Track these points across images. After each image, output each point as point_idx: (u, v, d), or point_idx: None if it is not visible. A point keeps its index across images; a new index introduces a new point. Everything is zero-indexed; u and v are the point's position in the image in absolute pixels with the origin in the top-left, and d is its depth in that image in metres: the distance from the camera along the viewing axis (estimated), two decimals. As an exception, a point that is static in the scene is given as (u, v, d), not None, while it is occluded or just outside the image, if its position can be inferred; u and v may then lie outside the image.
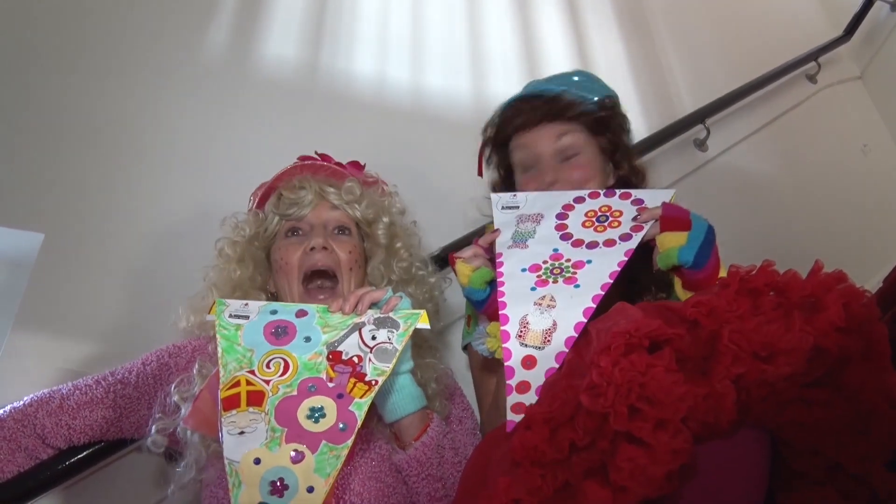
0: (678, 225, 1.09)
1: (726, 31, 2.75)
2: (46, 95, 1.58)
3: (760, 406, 0.82)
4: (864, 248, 2.53)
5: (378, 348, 1.05)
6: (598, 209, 1.19)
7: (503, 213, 1.25)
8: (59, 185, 1.53)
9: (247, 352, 1.04)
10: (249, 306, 1.10)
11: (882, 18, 3.01)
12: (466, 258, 1.20)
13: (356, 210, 1.31)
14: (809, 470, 0.89)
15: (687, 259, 1.05)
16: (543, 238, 1.18)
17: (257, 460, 0.95)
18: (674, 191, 1.19)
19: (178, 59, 1.74)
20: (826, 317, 0.82)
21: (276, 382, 1.01)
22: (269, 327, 1.07)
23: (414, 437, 1.09)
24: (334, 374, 1.02)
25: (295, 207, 1.27)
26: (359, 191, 1.32)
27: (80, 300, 1.46)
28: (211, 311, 1.10)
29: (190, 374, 1.16)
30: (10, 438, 1.14)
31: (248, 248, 1.29)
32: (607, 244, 1.13)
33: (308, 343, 1.06)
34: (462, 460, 1.13)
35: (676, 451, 0.75)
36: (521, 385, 1.00)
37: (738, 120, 2.51)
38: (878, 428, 0.84)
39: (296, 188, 1.29)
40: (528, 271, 1.13)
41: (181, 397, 1.14)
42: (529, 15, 2.31)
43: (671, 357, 0.81)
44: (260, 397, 0.99)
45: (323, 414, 0.99)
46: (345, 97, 1.91)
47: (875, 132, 2.98)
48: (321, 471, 0.95)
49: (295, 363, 1.03)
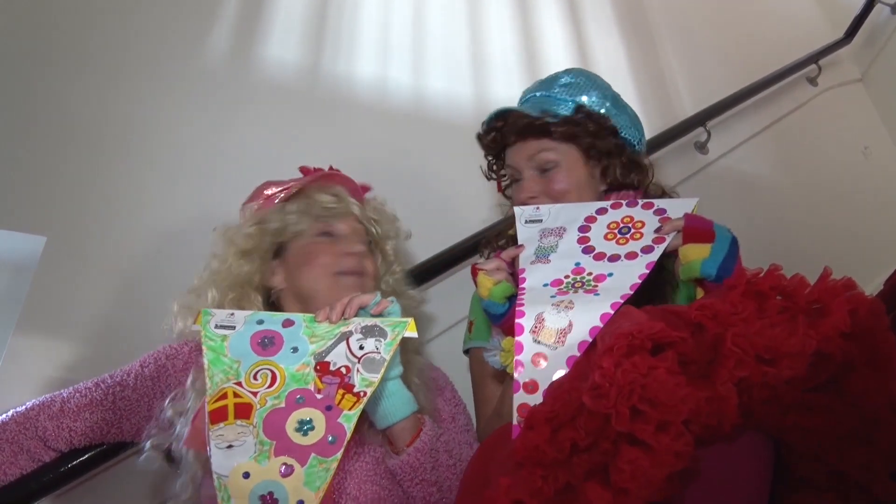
0: (701, 237, 1.09)
1: (727, 35, 2.75)
2: (49, 100, 1.58)
3: (762, 409, 0.82)
4: (865, 251, 2.53)
5: (366, 358, 1.03)
6: (620, 220, 1.19)
7: (526, 228, 1.25)
8: (61, 188, 1.53)
9: (233, 363, 1.03)
10: (235, 316, 1.09)
11: (882, 21, 3.01)
12: (489, 271, 1.19)
13: (375, 227, 1.37)
14: (812, 476, 0.88)
15: (710, 272, 1.04)
16: (566, 252, 1.18)
17: (246, 474, 0.94)
18: (697, 199, 1.19)
19: (180, 64, 1.75)
20: (831, 322, 0.82)
21: (263, 394, 1.00)
22: (255, 338, 1.06)
23: (407, 443, 1.08)
24: (322, 385, 1.01)
25: (330, 212, 1.31)
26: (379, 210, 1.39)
27: (82, 304, 1.46)
28: (196, 321, 1.09)
29: (184, 387, 1.16)
30: (12, 441, 1.14)
31: (260, 243, 1.28)
32: (629, 257, 1.13)
33: (295, 354, 1.04)
34: (457, 462, 1.12)
35: (678, 453, 0.75)
36: (528, 384, 0.99)
37: (739, 123, 2.51)
38: (882, 436, 0.84)
39: (329, 194, 1.32)
40: (550, 285, 1.13)
41: (175, 412, 1.13)
42: (531, 19, 2.31)
43: (674, 359, 0.81)
44: (248, 410, 0.98)
45: (312, 426, 0.98)
46: (346, 100, 1.91)
47: (876, 134, 2.98)
48: (311, 484, 0.94)
49: (282, 374, 1.02)
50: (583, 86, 1.37)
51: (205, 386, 1.03)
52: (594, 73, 1.43)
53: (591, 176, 1.35)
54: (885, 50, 2.99)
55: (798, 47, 2.77)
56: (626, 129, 1.37)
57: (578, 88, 1.36)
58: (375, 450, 1.14)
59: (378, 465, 1.13)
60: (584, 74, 1.41)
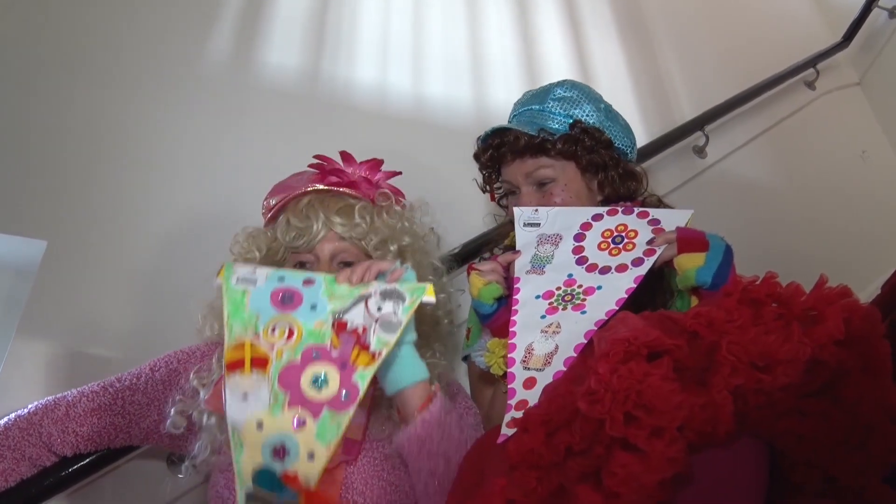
0: (695, 246, 1.10)
1: (725, 38, 2.76)
2: (49, 104, 1.59)
3: (756, 414, 0.82)
4: (863, 254, 2.53)
5: (383, 319, 1.05)
6: (614, 228, 1.22)
7: (525, 232, 1.28)
8: (61, 193, 1.54)
9: (252, 316, 1.04)
10: (257, 272, 1.10)
11: (880, 25, 3.02)
12: (482, 271, 1.24)
13: (364, 242, 1.26)
14: (806, 482, 0.89)
15: (705, 280, 1.06)
16: (560, 264, 1.21)
17: (260, 425, 0.95)
18: (691, 211, 1.21)
19: (180, 69, 1.75)
20: (825, 329, 0.83)
21: (280, 347, 1.02)
22: (275, 294, 1.07)
23: (417, 409, 1.06)
24: (338, 342, 1.03)
25: (302, 240, 1.23)
26: (369, 219, 1.26)
27: (82, 308, 1.46)
28: (219, 274, 1.10)
29: (209, 362, 1.18)
30: (14, 447, 1.13)
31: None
32: (619, 269, 1.15)
33: (314, 311, 1.06)
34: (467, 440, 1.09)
35: (671, 459, 0.76)
36: (520, 404, 1.02)
37: (737, 126, 2.52)
38: (875, 442, 0.85)
39: (303, 216, 1.24)
40: (542, 298, 1.16)
41: (200, 382, 1.15)
42: (530, 23, 2.32)
43: (669, 366, 0.82)
44: (264, 362, 1.00)
45: (326, 382, 0.99)
46: (345, 105, 1.92)
47: (874, 138, 2.98)
48: (322, 437, 0.95)
49: (300, 329, 1.04)
50: (576, 99, 1.38)
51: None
52: (586, 85, 1.45)
53: (588, 189, 1.37)
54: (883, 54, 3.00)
55: (796, 51, 2.78)
56: (619, 140, 1.39)
57: (572, 102, 1.38)
58: (383, 447, 1.14)
59: (385, 462, 1.13)
60: (577, 87, 1.42)
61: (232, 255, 1.31)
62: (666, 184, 2.16)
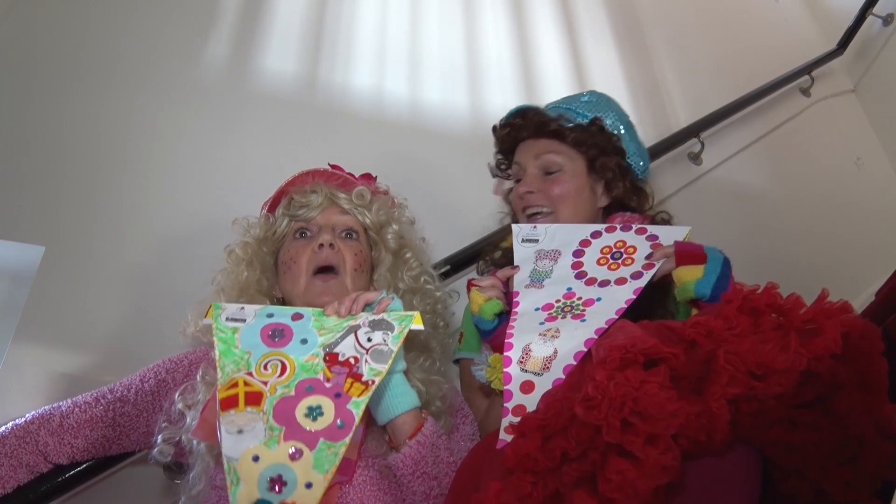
0: (693, 259, 1.12)
1: (720, 45, 2.77)
2: (47, 109, 1.59)
3: (748, 421, 0.83)
4: (857, 261, 2.54)
5: (374, 349, 1.06)
6: (613, 245, 1.23)
7: (523, 247, 1.29)
8: (59, 197, 1.54)
9: (244, 354, 1.05)
10: (245, 310, 1.12)
11: (875, 32, 3.03)
12: (482, 287, 1.25)
13: (366, 216, 1.33)
14: (796, 493, 0.90)
15: (704, 292, 1.07)
16: (559, 278, 1.22)
17: (256, 457, 0.95)
18: (689, 228, 1.23)
19: (177, 73, 1.76)
20: (822, 342, 0.83)
21: (273, 383, 1.02)
22: (265, 330, 1.09)
23: (408, 436, 1.08)
24: (331, 374, 1.04)
25: (305, 209, 1.30)
26: (369, 196, 1.34)
27: (80, 312, 1.47)
28: (207, 314, 1.11)
29: (194, 381, 1.17)
30: (11, 455, 1.14)
31: (257, 251, 1.31)
32: (618, 282, 1.16)
33: (305, 345, 1.07)
34: (457, 461, 1.12)
35: (665, 466, 0.76)
36: (517, 409, 1.03)
37: (733, 133, 2.52)
38: (866, 457, 0.86)
39: (307, 192, 1.32)
40: (542, 310, 1.17)
41: (185, 405, 1.15)
42: (526, 30, 2.33)
43: (666, 374, 0.83)
44: (258, 398, 1.00)
45: (321, 412, 1.00)
46: (343, 111, 1.92)
47: (868, 145, 2.99)
48: (320, 467, 0.95)
49: (292, 365, 1.05)
50: (603, 106, 1.44)
51: (214, 378, 1.04)
52: (614, 99, 1.49)
53: (591, 189, 1.38)
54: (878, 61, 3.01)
55: (791, 58, 2.79)
56: (632, 155, 1.42)
57: (599, 107, 1.43)
58: (378, 461, 1.15)
59: (381, 476, 1.13)
60: (606, 98, 1.48)
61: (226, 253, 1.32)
62: (661, 191, 2.16)
